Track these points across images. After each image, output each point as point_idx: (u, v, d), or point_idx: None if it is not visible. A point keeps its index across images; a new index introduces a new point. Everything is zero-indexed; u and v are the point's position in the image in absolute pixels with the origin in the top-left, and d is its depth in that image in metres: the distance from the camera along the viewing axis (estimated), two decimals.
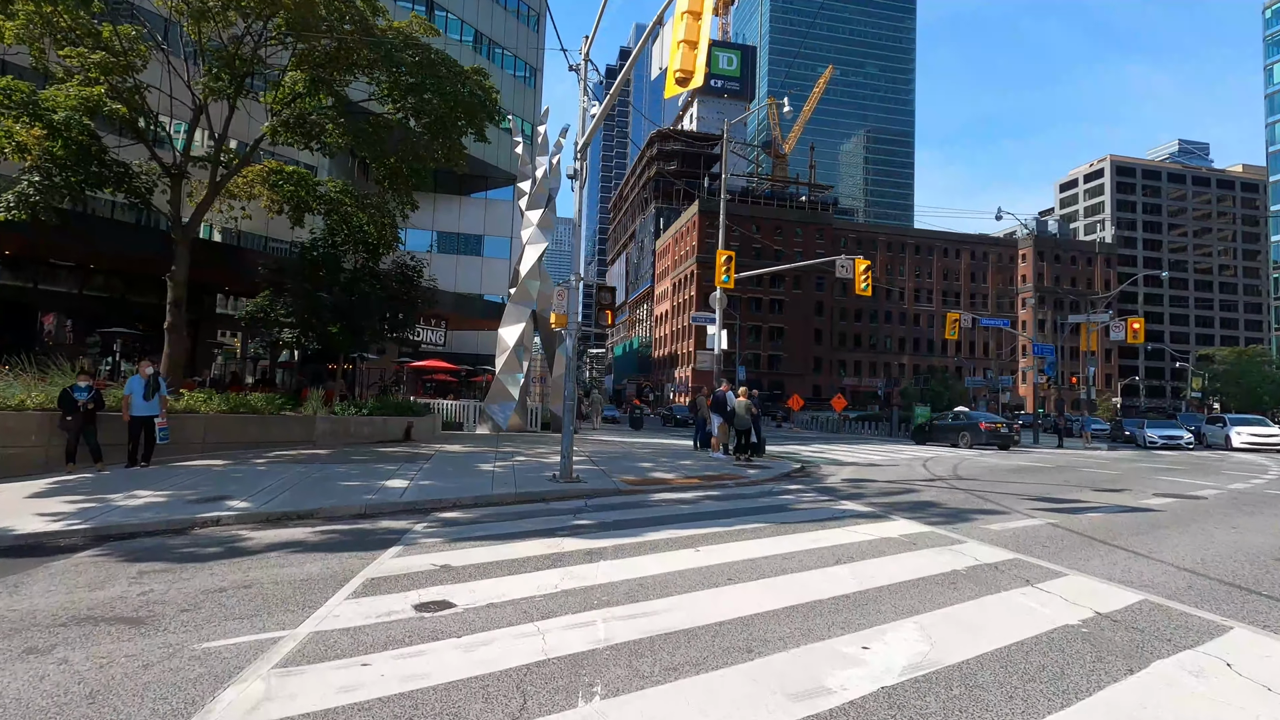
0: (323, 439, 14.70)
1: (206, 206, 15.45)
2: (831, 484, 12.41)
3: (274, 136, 15.11)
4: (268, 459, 12.26)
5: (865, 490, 11.39)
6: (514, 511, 8.82)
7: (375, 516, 8.42)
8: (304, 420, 14.55)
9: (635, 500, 9.96)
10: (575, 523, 8.04)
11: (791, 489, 11.55)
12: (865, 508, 9.33)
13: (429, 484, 10.32)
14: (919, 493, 11.15)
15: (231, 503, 8.49)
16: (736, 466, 14.07)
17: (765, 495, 10.72)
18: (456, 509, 9.00)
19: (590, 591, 5.15)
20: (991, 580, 5.54)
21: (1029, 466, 17.01)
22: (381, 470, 11.39)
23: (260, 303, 17.23)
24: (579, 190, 11.35)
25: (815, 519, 8.38)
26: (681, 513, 8.87)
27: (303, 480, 10.22)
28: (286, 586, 5.31)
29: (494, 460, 13.47)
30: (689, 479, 12.18)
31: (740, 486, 11.77)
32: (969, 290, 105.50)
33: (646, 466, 13.62)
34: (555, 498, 10.05)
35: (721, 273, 20.70)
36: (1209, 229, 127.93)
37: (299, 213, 16.72)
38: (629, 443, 20.67)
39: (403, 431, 16.51)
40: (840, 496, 10.54)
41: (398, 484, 10.18)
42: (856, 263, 21.89)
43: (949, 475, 14.20)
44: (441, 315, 27.77)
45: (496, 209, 43.40)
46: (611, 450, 17.23)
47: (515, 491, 9.94)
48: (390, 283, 18.48)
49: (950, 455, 21.23)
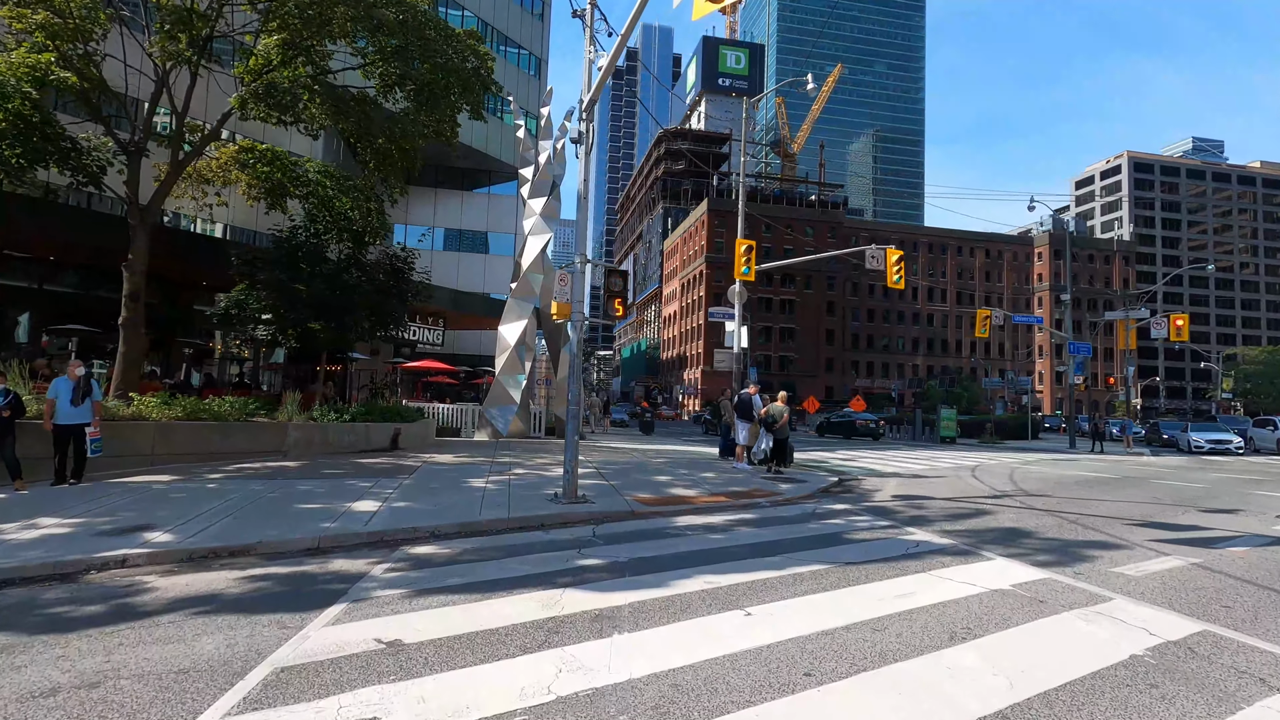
0: (296, 449, 13.00)
1: (169, 187, 13.80)
2: (881, 501, 10.58)
3: (243, 109, 13.44)
4: (224, 474, 10.56)
5: (927, 511, 9.57)
6: (504, 545, 7.06)
7: (329, 553, 6.68)
8: (274, 428, 12.86)
9: (654, 526, 8.17)
10: (580, 562, 6.27)
11: (837, 509, 9.73)
12: (941, 538, 7.51)
13: (405, 506, 8.57)
14: (993, 514, 9.31)
15: (151, 535, 6.77)
16: (766, 480, 12.26)
17: (809, 518, 8.91)
18: (433, 540, 7.24)
19: (600, 701, 3.38)
20: (1206, 679, 3.71)
21: (1095, 478, 15.11)
22: (353, 488, 9.65)
23: (235, 297, 15.58)
24: (584, 158, 9.60)
25: (886, 557, 6.57)
26: (714, 545, 7.08)
27: (253, 502, 8.49)
28: (150, 686, 3.56)
29: (488, 474, 11.72)
30: (714, 496, 10.38)
31: (776, 506, 9.96)
32: (984, 289, 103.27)
33: (663, 481, 11.84)
34: (556, 523, 8.28)
35: (741, 264, 18.89)
36: (1229, 226, 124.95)
37: (275, 197, 15.05)
38: (641, 450, 18.89)
39: (389, 439, 14.79)
40: (901, 521, 8.71)
41: (367, 506, 8.43)
42: (888, 253, 20.08)
43: (1012, 489, 12.34)
44: (439, 313, 26.09)
45: (500, 204, 41.78)
46: (622, 460, 15.45)
47: (508, 516, 8.18)
48: (378, 275, 16.79)
49: (995, 462, 19.34)
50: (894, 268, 19.93)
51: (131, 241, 13.27)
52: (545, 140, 21.71)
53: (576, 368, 9.38)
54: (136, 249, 13.24)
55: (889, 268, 19.95)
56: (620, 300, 9.75)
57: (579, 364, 9.43)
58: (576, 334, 9.45)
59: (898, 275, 19.92)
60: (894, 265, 19.92)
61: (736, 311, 19.46)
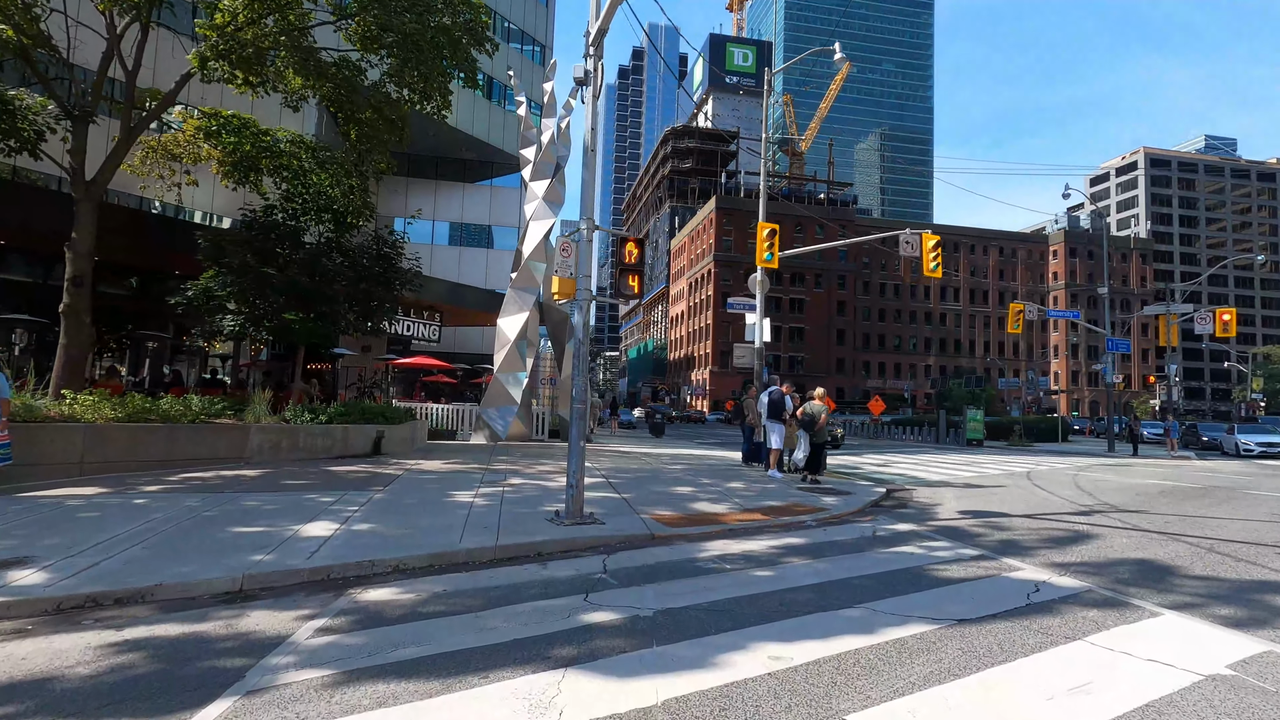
0: (260, 455, 11.31)
1: (119, 158, 12.14)
2: (948, 519, 8.78)
3: (203, 68, 11.80)
4: (164, 486, 8.87)
5: (1014, 533, 7.77)
6: (487, 587, 5.32)
7: (250, 599, 4.98)
8: (235, 431, 11.17)
9: (680, 556, 6.42)
10: (588, 618, 4.52)
11: (901, 531, 7.94)
12: (1059, 575, 5.73)
13: (368, 529, 6.84)
14: (1099, 538, 7.51)
15: (18, 574, 5.07)
16: (805, 492, 10.48)
17: (872, 543, 7.13)
18: (395, 579, 5.52)
19: None
20: None
21: (1174, 488, 13.24)
22: (311, 504, 7.94)
23: (203, 285, 13.91)
24: (591, 102, 7.87)
25: (1006, 609, 4.79)
26: (764, 587, 5.32)
27: (179, 524, 6.79)
28: None
29: (479, 484, 9.98)
30: (748, 513, 8.62)
31: (825, 526, 8.19)
32: (997, 288, 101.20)
33: (684, 493, 10.07)
34: (557, 552, 6.55)
35: (764, 249, 17.13)
36: (1249, 223, 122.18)
37: (244, 172, 13.43)
38: (653, 455, 17.13)
39: (370, 444, 13.09)
40: (990, 548, 6.93)
41: (319, 530, 6.71)
42: (924, 238, 18.26)
43: (1093, 502, 10.52)
44: (435, 307, 24.41)
45: (503, 197, 40.19)
46: (634, 467, 13.69)
47: (495, 544, 6.43)
48: (361, 260, 15.11)
49: (1045, 468, 17.49)
50: (930, 254, 18.14)
51: (76, 219, 11.63)
52: (549, 119, 19.98)
53: (583, 359, 7.64)
54: (81, 227, 11.60)
55: (925, 254, 18.15)
56: (637, 276, 8.00)
57: (586, 354, 7.69)
58: (582, 317, 7.71)
59: (934, 262, 18.14)
60: (930, 251, 18.13)
61: (758, 302, 17.70)
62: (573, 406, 7.55)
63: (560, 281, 7.78)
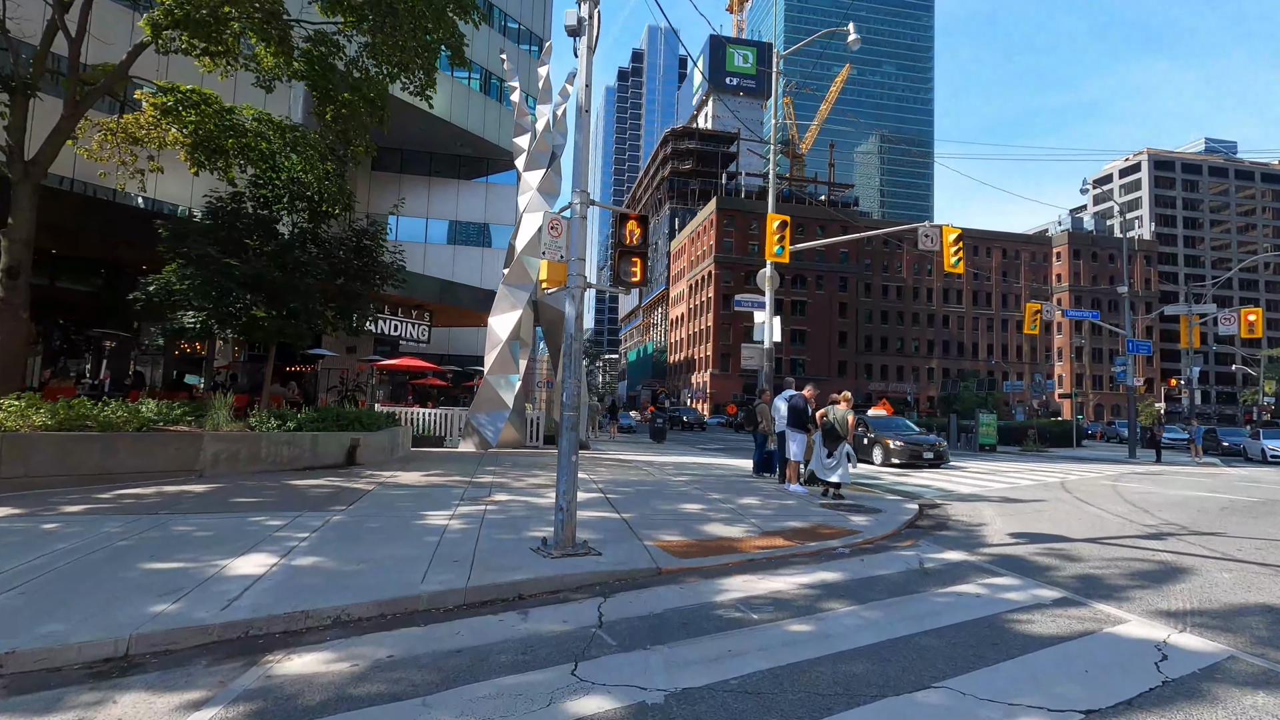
0: (215, 467, 10.07)
1: (64, 134, 10.95)
2: (1001, 545, 7.56)
3: (158, 36, 10.61)
4: (90, 505, 7.63)
5: (1087, 564, 6.54)
6: (444, 653, 4.09)
7: (132, 670, 3.76)
8: (187, 440, 9.93)
9: (694, 601, 5.19)
10: (574, 708, 3.30)
11: (952, 561, 6.72)
12: (1181, 633, 4.51)
13: (313, 564, 5.61)
14: (1196, 572, 6.27)
15: None
16: (829, 511, 9.26)
17: (923, 580, 5.91)
18: (329, 640, 4.29)
19: None
20: None
21: (1231, 500, 12.03)
22: (254, 528, 6.70)
23: (164, 279, 12.67)
24: (585, 54, 6.67)
25: (1140, 692, 3.57)
26: (805, 653, 4.09)
27: (80, 559, 5.55)
28: None
29: (458, 501, 8.75)
30: (769, 538, 7.39)
31: (860, 555, 6.97)
32: (1000, 290, 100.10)
33: (693, 512, 8.84)
34: (543, 594, 5.33)
35: (774, 242, 15.94)
36: (1253, 225, 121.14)
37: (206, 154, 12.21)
38: (656, 464, 15.88)
39: (344, 453, 11.85)
40: (1070, 588, 5.70)
41: (252, 566, 5.48)
42: (945, 230, 17.07)
43: (1155, 521, 9.30)
44: (424, 306, 23.17)
45: (500, 194, 38.99)
46: (634, 479, 12.45)
47: (466, 585, 5.20)
48: (338, 252, 13.89)
49: (1075, 477, 16.28)
50: (951, 248, 16.96)
51: (12, 202, 10.42)
52: (544, 105, 18.81)
53: (575, 357, 6.42)
54: (18, 211, 10.39)
55: (945, 248, 16.96)
56: (639, 260, 6.78)
57: (578, 351, 6.47)
58: (574, 308, 6.49)
59: (956, 257, 16.97)
60: (951, 245, 16.95)
61: (767, 299, 16.50)
62: (563, 413, 6.32)
63: (549, 267, 6.57)
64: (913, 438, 19.04)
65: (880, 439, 18.83)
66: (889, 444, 18.40)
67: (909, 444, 18.44)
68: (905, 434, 19.27)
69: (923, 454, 18.30)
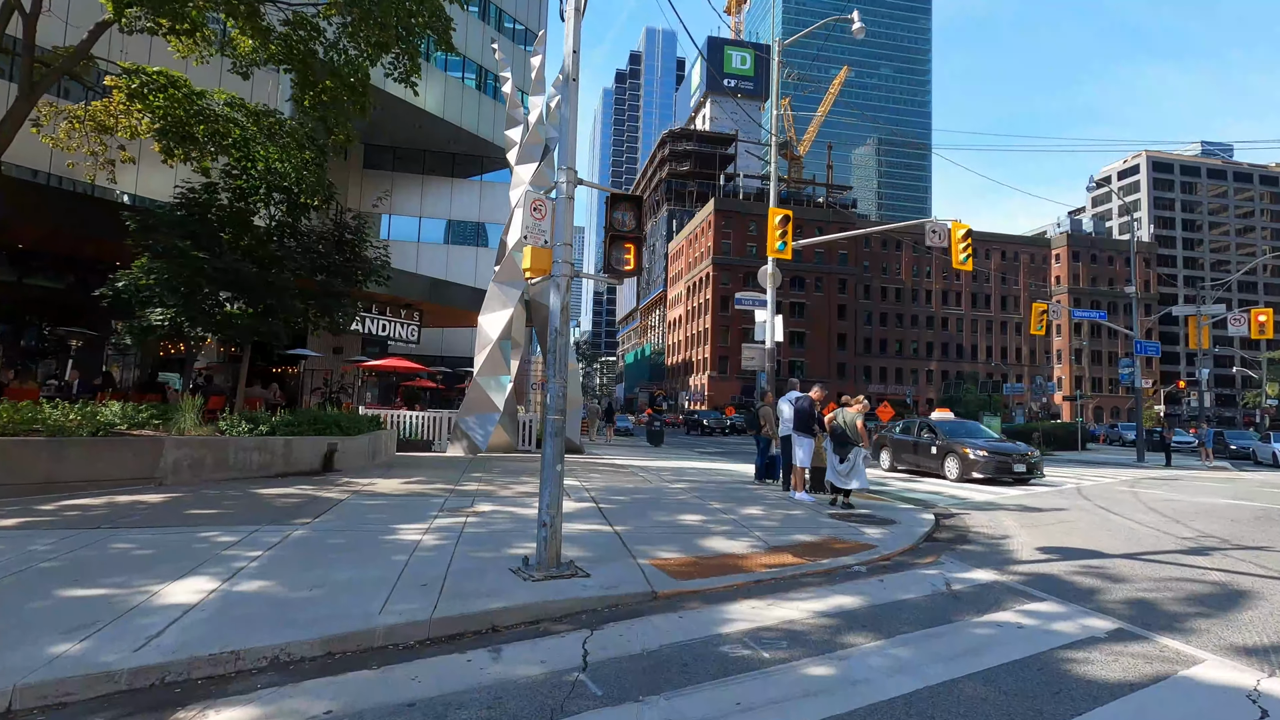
0: (177, 474, 9.34)
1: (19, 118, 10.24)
2: (1032, 561, 6.87)
3: (119, 13, 9.90)
4: (24, 519, 6.89)
5: (1133, 585, 5.86)
6: (396, 706, 3.37)
7: None
8: (145, 446, 9.20)
9: (695, 635, 4.48)
10: None
11: (982, 582, 6.03)
12: (1271, 677, 3.83)
13: (258, 590, 4.90)
14: (1261, 597, 5.58)
15: None
16: (840, 522, 8.56)
17: (957, 608, 5.21)
18: (259, 691, 3.57)
19: None
20: None
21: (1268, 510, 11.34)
22: (200, 547, 5.98)
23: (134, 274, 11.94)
24: (573, 14, 5.99)
25: None
26: (830, 708, 3.40)
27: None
28: None
29: (436, 513, 8.03)
30: (777, 554, 6.69)
31: (879, 575, 6.27)
32: (999, 292, 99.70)
33: (693, 524, 8.13)
34: (521, 625, 4.62)
35: (776, 237, 15.28)
36: (1252, 227, 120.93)
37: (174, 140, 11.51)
38: (653, 470, 15.17)
39: (320, 459, 11.12)
40: (1122, 615, 5.02)
41: (186, 592, 4.77)
42: (954, 226, 16.41)
43: (1192, 533, 8.62)
44: (415, 305, 22.45)
45: (495, 193, 38.28)
46: (630, 486, 11.74)
47: (430, 617, 4.49)
48: (318, 246, 13.18)
49: (1090, 483, 15.61)
50: (960, 244, 16.31)
51: None
52: (536, 97, 18.13)
53: (560, 354, 5.72)
54: None
55: (954, 245, 16.29)
56: (633, 246, 6.08)
57: (564, 347, 5.77)
58: (560, 298, 5.79)
59: (965, 254, 16.31)
60: (960, 242, 16.29)
61: (769, 297, 15.81)
62: (546, 418, 5.62)
63: (533, 253, 5.86)
64: (998, 446, 15.44)
65: (954, 448, 15.40)
66: (967, 454, 14.89)
67: (994, 454, 14.81)
68: (988, 441, 15.79)
69: (1012, 466, 14.65)
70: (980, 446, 15.17)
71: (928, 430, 16.90)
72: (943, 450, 15.84)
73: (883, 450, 18.03)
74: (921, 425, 17.39)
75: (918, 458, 16.77)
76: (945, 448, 15.78)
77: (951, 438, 15.96)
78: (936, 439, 16.26)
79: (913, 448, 17.03)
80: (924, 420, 17.71)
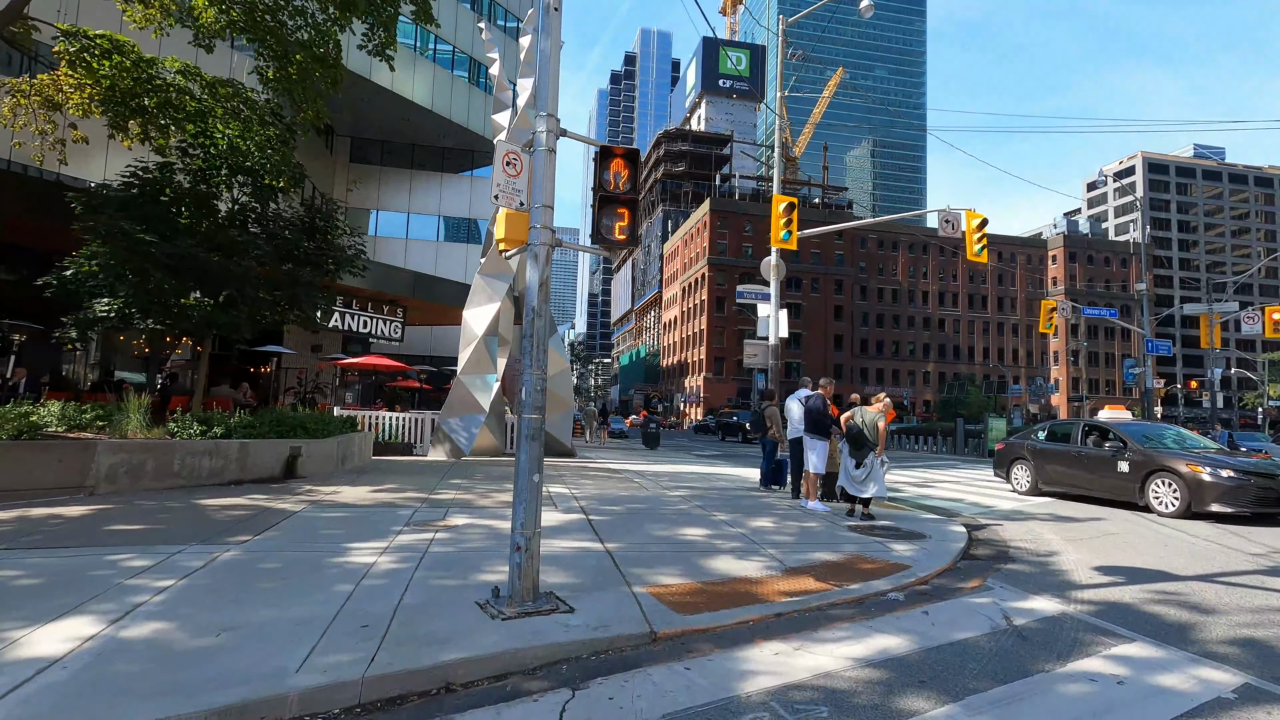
0: (112, 482, 8.26)
1: None
2: (1094, 586, 5.88)
3: None
4: None
5: (1231, 618, 4.87)
6: None
7: None
8: (74, 451, 8.12)
9: (705, 698, 3.45)
10: None
11: (1047, 615, 5.03)
12: None
13: (149, 636, 3.84)
14: None
15: None
16: (860, 535, 7.55)
17: (1030, 653, 4.21)
18: None
19: None
20: None
21: None
22: (100, 575, 4.93)
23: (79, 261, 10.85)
24: None
25: None
26: None
27: None
28: None
29: (401, 528, 6.99)
30: (795, 577, 5.68)
31: (920, 604, 5.26)
32: (995, 293, 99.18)
33: (696, 540, 7.11)
34: (483, 681, 3.59)
35: (780, 226, 14.30)
36: (1247, 229, 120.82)
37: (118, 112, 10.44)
38: (649, 475, 14.14)
39: (281, 464, 10.05)
40: (1243, 663, 4.03)
41: (55, 641, 3.70)
42: (968, 215, 15.48)
43: (1258, 550, 7.65)
44: (399, 301, 21.37)
45: (485, 188, 37.19)
46: (624, 494, 10.71)
47: (364, 675, 3.45)
48: (284, 233, 12.11)
49: None
50: (975, 234, 15.40)
51: None
52: (526, 79, 17.11)
53: (538, 339, 4.70)
54: None
55: (969, 235, 15.40)
56: (627, 211, 5.06)
57: (542, 332, 4.75)
58: (538, 271, 4.77)
59: (979, 245, 15.41)
60: (975, 232, 15.38)
61: (773, 290, 14.84)
62: (521, 417, 4.60)
63: (507, 220, 4.84)
64: (1245, 463, 10.26)
65: (1166, 464, 10.36)
66: (1199, 475, 9.84)
67: (1246, 475, 9.70)
68: (1226, 456, 10.76)
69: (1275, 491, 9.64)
70: (1222, 464, 9.94)
71: (1101, 436, 11.89)
72: (1141, 467, 10.70)
73: (1015, 465, 13.20)
74: (1087, 429, 12.27)
75: (1088, 476, 11.62)
76: (1145, 463, 10.68)
77: (1154, 447, 10.89)
78: (1126, 449, 11.11)
79: (1078, 461, 11.89)
80: (1090, 422, 12.48)
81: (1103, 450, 11.60)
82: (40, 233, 14.28)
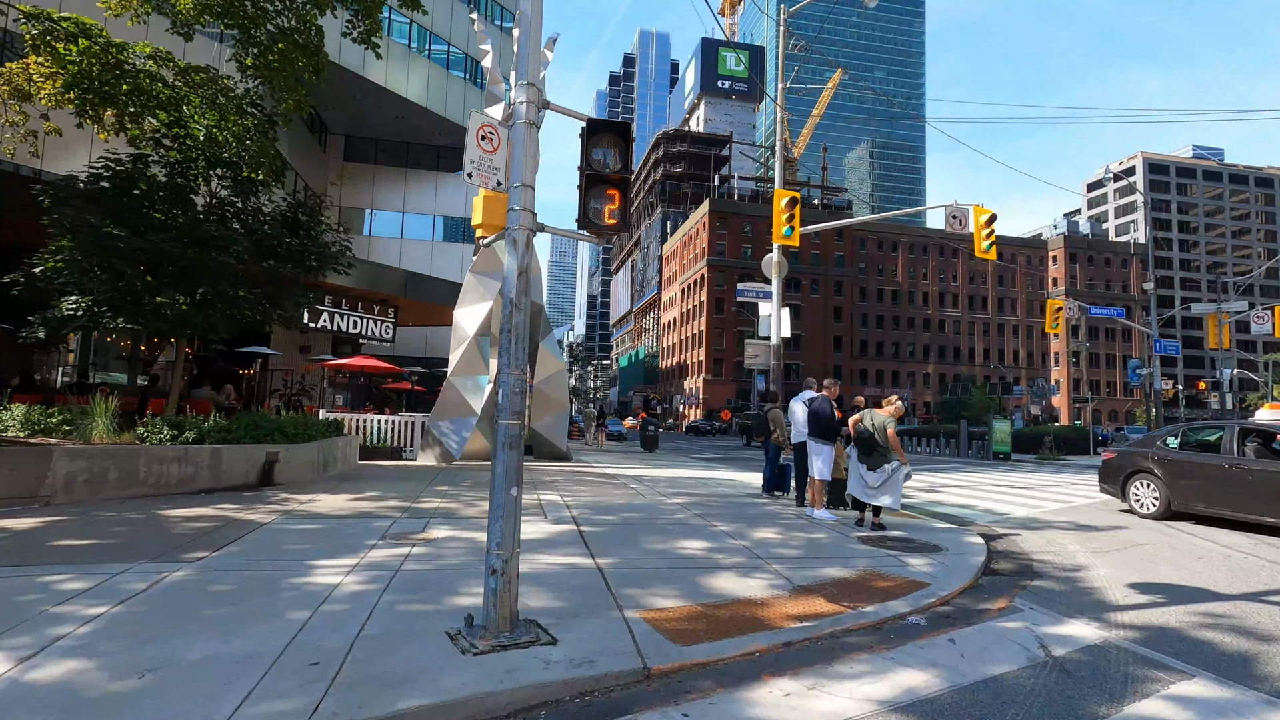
0: (70, 491, 7.72)
1: None
2: (1134, 608, 5.36)
3: None
4: None
5: None
6: None
7: None
8: (28, 458, 7.58)
9: None
10: None
11: (1089, 643, 4.50)
12: None
13: (59, 679, 3.30)
14: None
15: None
16: (872, 548, 7.02)
17: (1079, 693, 3.69)
18: None
19: None
20: None
21: None
22: (28, 599, 4.38)
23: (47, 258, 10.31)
24: None
25: None
26: None
27: None
28: None
29: (375, 541, 6.45)
30: (805, 597, 5.15)
31: (946, 629, 4.72)
32: (996, 294, 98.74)
33: (695, 553, 6.57)
34: None
35: (782, 222, 13.78)
36: (1247, 229, 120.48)
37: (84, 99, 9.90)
38: (647, 480, 13.61)
39: (257, 471, 9.51)
40: None
41: None
42: (976, 211, 15.00)
43: None
44: (390, 301, 20.84)
45: None
46: (619, 501, 10.17)
47: None
48: (264, 227, 11.58)
49: None
50: (983, 230, 14.91)
51: None
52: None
53: (517, 334, 4.18)
54: None
55: (977, 231, 14.92)
56: (618, 194, 4.54)
57: (522, 326, 4.22)
58: (517, 258, 4.24)
59: (988, 241, 14.94)
60: (984, 228, 14.89)
61: (775, 287, 14.32)
62: (498, 422, 4.07)
63: (485, 202, 4.34)
64: None
65: None
66: None
67: None
68: None
69: None
70: None
71: (1265, 443, 9.23)
72: None
73: (1136, 479, 10.48)
74: (1242, 433, 9.43)
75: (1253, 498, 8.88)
76: None
77: None
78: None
79: (1233, 477, 9.14)
80: (1242, 425, 9.59)
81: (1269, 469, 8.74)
82: (18, 230, 13.74)
